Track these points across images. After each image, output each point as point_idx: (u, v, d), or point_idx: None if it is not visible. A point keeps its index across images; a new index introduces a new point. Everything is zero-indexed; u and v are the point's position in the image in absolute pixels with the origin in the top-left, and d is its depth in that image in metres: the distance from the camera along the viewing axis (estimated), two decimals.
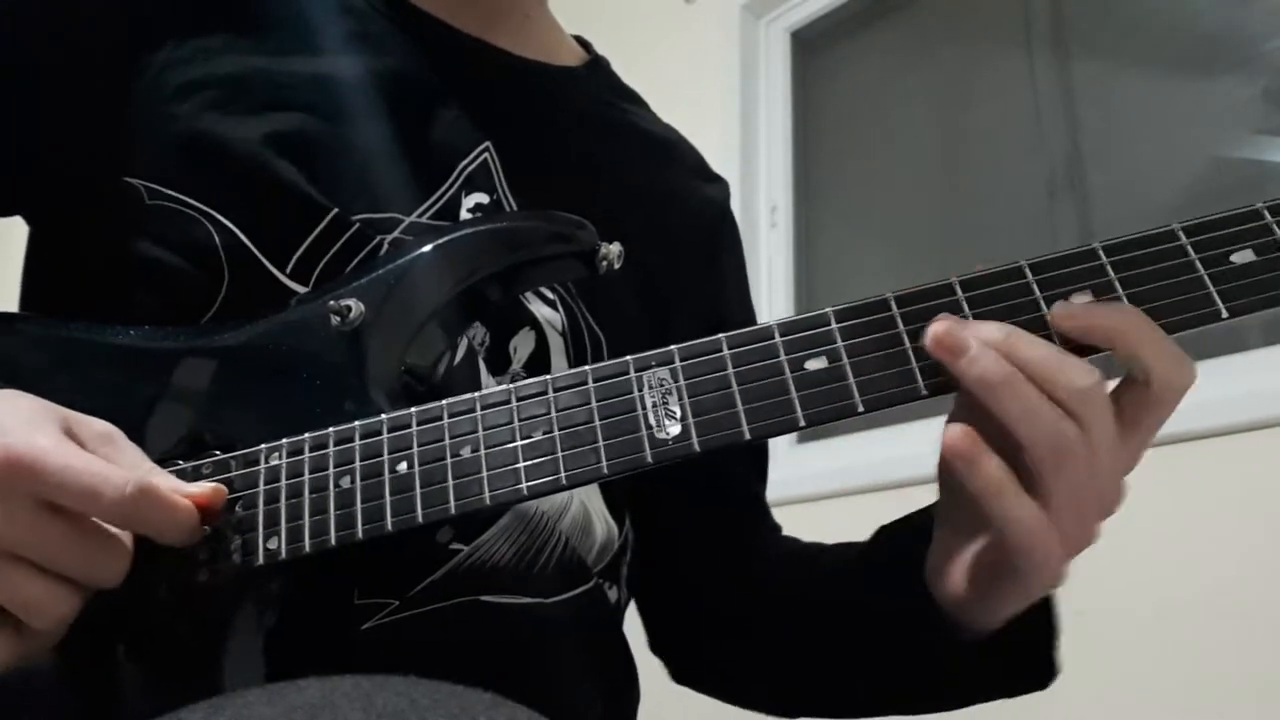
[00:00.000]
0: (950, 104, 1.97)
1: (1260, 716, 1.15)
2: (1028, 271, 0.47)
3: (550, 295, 0.66)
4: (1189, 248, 0.46)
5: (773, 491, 0.81)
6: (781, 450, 1.88)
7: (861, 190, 2.08)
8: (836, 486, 1.68)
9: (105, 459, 0.46)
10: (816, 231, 2.08)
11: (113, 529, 0.46)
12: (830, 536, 1.63)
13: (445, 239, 0.58)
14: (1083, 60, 1.77)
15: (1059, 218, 1.71)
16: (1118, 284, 0.46)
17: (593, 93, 0.78)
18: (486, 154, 0.67)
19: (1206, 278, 0.45)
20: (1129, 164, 1.66)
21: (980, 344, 0.44)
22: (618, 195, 0.71)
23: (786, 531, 0.79)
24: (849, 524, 1.84)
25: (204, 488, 0.48)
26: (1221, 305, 0.45)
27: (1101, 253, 0.46)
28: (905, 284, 0.48)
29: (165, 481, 0.46)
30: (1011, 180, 1.80)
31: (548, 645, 0.60)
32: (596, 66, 0.80)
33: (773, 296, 2.01)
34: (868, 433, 1.79)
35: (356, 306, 0.55)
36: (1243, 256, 0.45)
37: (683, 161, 0.82)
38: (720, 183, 0.85)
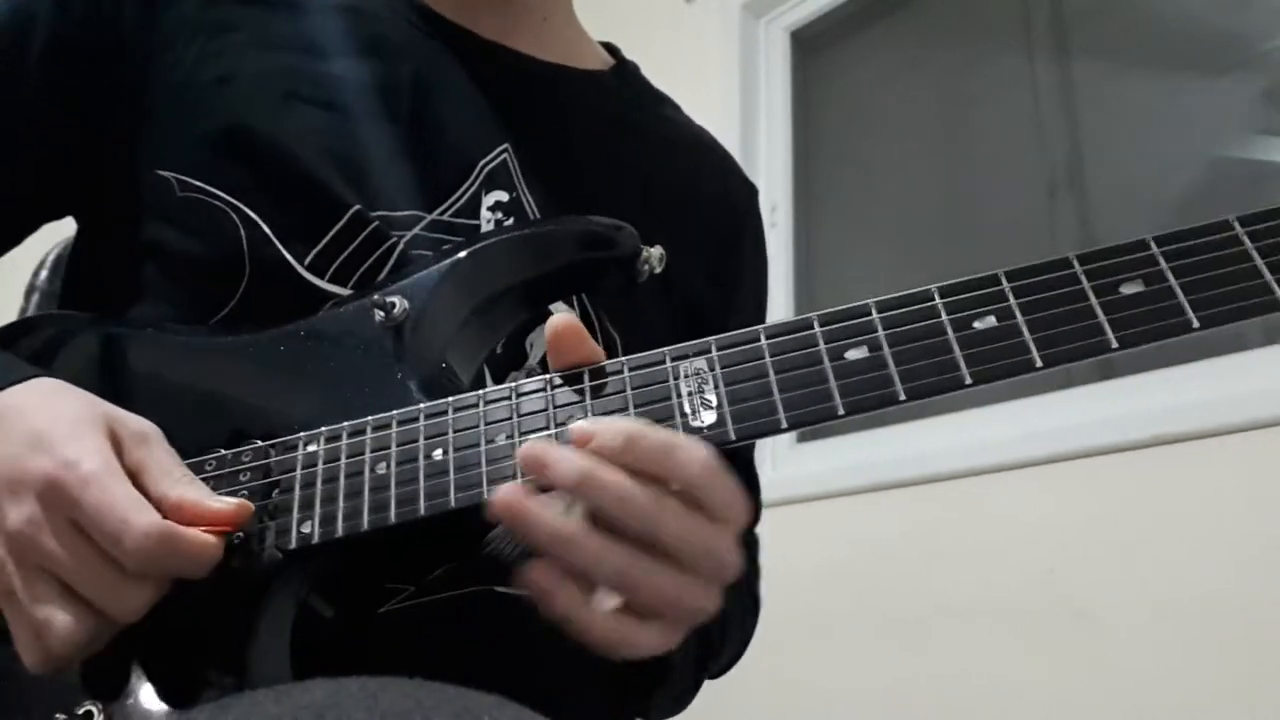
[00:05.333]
0: (950, 104, 1.97)
1: (1259, 716, 1.15)
2: (1075, 263, 0.47)
3: None
4: (1244, 237, 0.45)
5: (773, 491, 0.81)
6: (782, 450, 1.88)
7: (861, 190, 2.08)
8: (836, 486, 1.68)
9: (138, 464, 0.48)
10: (816, 231, 2.09)
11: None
12: (830, 536, 1.64)
13: (489, 242, 0.59)
14: (1083, 60, 1.77)
15: (1059, 218, 1.71)
16: (1169, 274, 0.45)
17: (615, 95, 0.78)
18: (506, 153, 0.68)
19: (1264, 266, 0.44)
20: (1129, 164, 1.66)
21: (543, 506, 0.45)
22: (637, 195, 0.71)
23: (787, 532, 0.79)
24: (849, 524, 1.85)
25: (231, 506, 0.48)
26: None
27: (1152, 243, 0.46)
28: (905, 284, 0.48)
29: (192, 496, 0.47)
30: (1011, 180, 1.81)
31: (559, 638, 0.61)
32: (624, 71, 0.81)
33: (772, 297, 2.00)
34: (868, 433, 1.79)
35: (400, 303, 0.56)
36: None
37: (709, 162, 0.83)
38: (747, 186, 0.85)
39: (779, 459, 1.87)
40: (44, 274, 0.96)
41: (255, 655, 0.48)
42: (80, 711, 0.47)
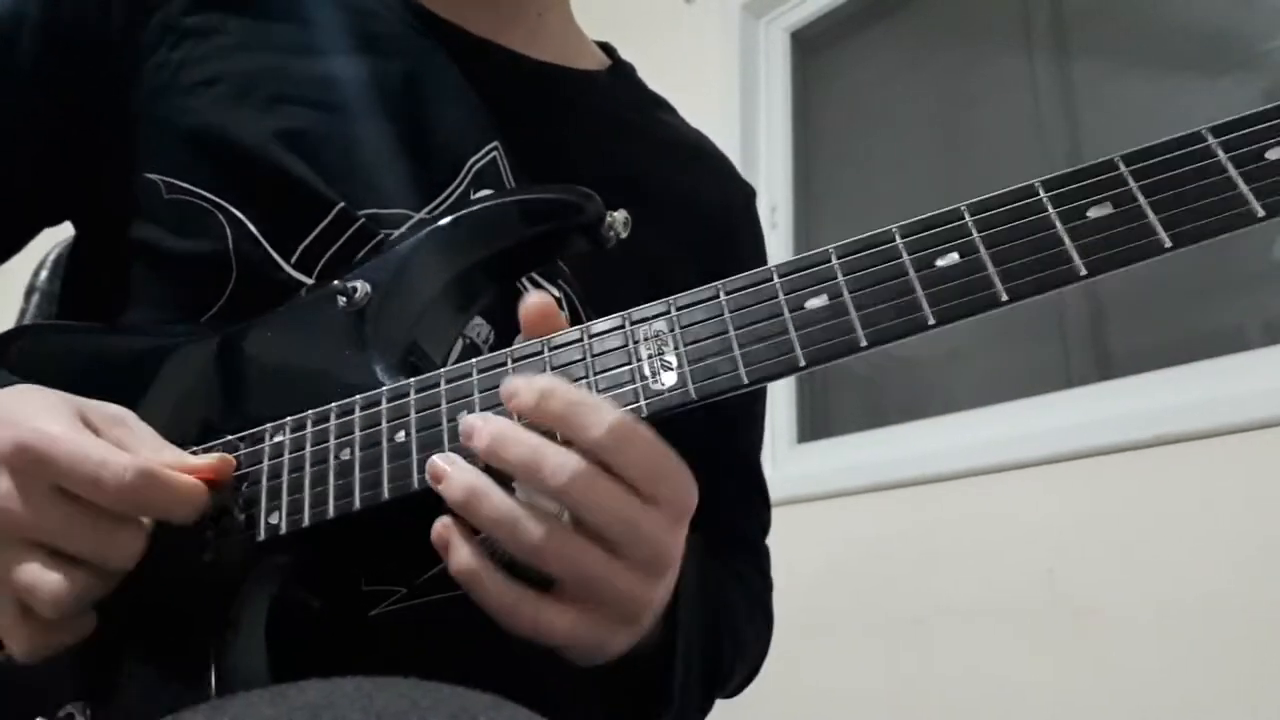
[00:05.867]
0: (950, 104, 1.97)
1: (1259, 716, 1.15)
2: (1040, 189, 0.45)
3: (556, 295, 0.66)
4: (1217, 148, 0.43)
5: (773, 491, 0.81)
6: (781, 450, 1.88)
7: (861, 190, 2.08)
8: (836, 486, 1.68)
9: (116, 441, 0.48)
10: (816, 231, 2.08)
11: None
12: (830, 536, 1.63)
13: (452, 217, 0.59)
14: (1083, 60, 1.77)
15: None
16: (1138, 193, 0.43)
17: (610, 96, 0.78)
18: (495, 152, 0.68)
19: (1238, 176, 0.42)
20: None
21: (456, 468, 0.45)
22: (628, 195, 0.71)
23: (786, 532, 0.78)
24: (849, 524, 1.84)
25: (210, 459, 0.49)
26: (1257, 205, 0.41)
27: (1120, 162, 0.44)
28: None
29: (171, 457, 0.48)
30: (1011, 180, 1.79)
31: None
32: (619, 72, 0.81)
33: None
34: (868, 433, 1.79)
35: (362, 287, 0.56)
36: (1279, 153, 0.42)
37: (705, 165, 0.82)
38: (743, 187, 0.85)
39: (779, 459, 1.87)
40: (44, 274, 0.96)
41: (230, 651, 0.47)
42: (62, 714, 0.47)
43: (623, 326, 0.48)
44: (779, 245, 2.02)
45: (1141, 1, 1.73)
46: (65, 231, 0.75)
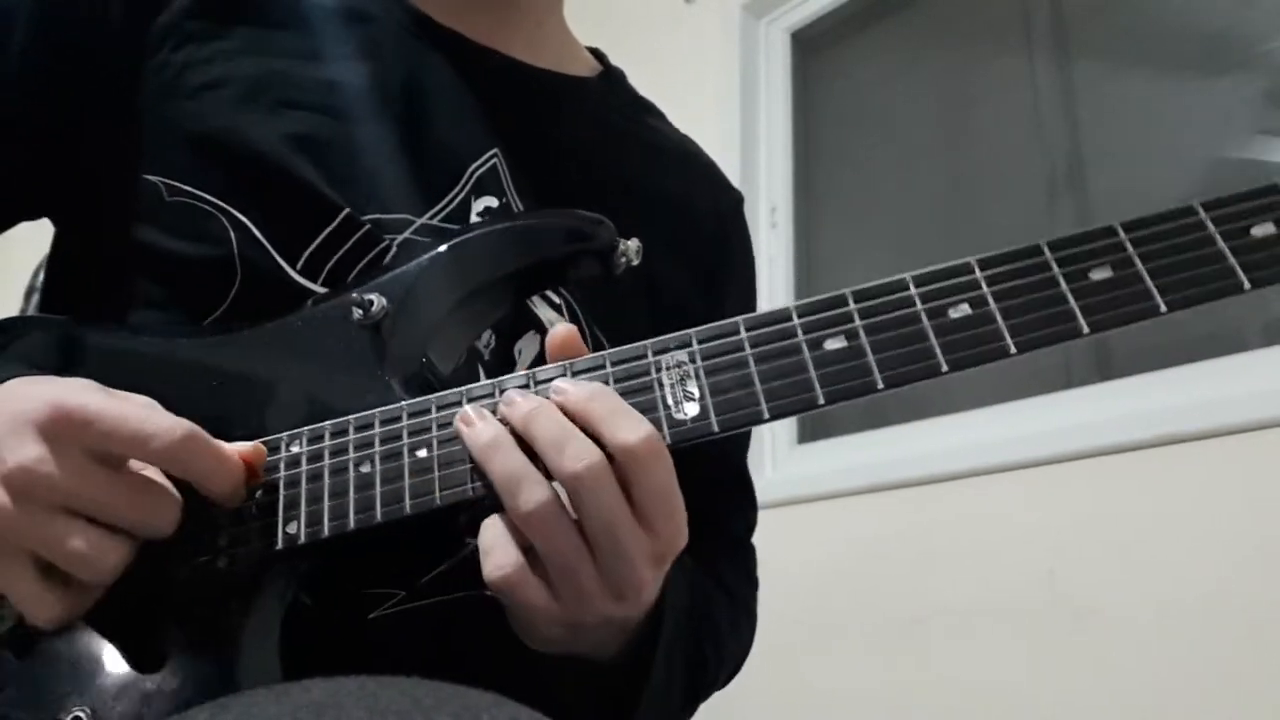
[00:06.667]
0: (950, 104, 1.97)
1: (1259, 716, 1.15)
2: (1045, 250, 0.47)
3: (555, 300, 0.67)
4: (1208, 222, 0.46)
5: (773, 491, 0.81)
6: (782, 450, 1.88)
7: (861, 190, 2.08)
8: (836, 487, 1.68)
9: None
10: (816, 231, 2.09)
11: (159, 481, 0.48)
12: (830, 536, 1.64)
13: (467, 236, 0.59)
14: (1083, 60, 1.77)
15: (1059, 218, 1.71)
16: (1137, 259, 0.46)
17: (604, 102, 0.78)
18: (495, 159, 0.68)
19: (1227, 250, 0.45)
20: (1129, 164, 1.66)
21: (485, 421, 0.48)
22: (624, 201, 0.72)
23: (786, 532, 0.78)
24: (849, 524, 1.85)
25: (247, 445, 0.50)
26: (1244, 277, 0.45)
27: (1120, 230, 0.47)
28: None
29: (210, 436, 0.48)
30: (1011, 180, 1.81)
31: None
32: (610, 78, 0.81)
33: (773, 297, 2.01)
34: (868, 433, 1.79)
35: (379, 301, 0.56)
36: (1264, 230, 0.46)
37: (695, 171, 0.83)
38: (732, 193, 0.85)
39: (779, 459, 1.87)
40: (44, 275, 0.96)
41: (244, 657, 0.48)
42: (68, 718, 0.47)
43: (644, 356, 0.50)
44: (779, 245, 2.03)
45: (1141, 1, 1.73)
46: None
